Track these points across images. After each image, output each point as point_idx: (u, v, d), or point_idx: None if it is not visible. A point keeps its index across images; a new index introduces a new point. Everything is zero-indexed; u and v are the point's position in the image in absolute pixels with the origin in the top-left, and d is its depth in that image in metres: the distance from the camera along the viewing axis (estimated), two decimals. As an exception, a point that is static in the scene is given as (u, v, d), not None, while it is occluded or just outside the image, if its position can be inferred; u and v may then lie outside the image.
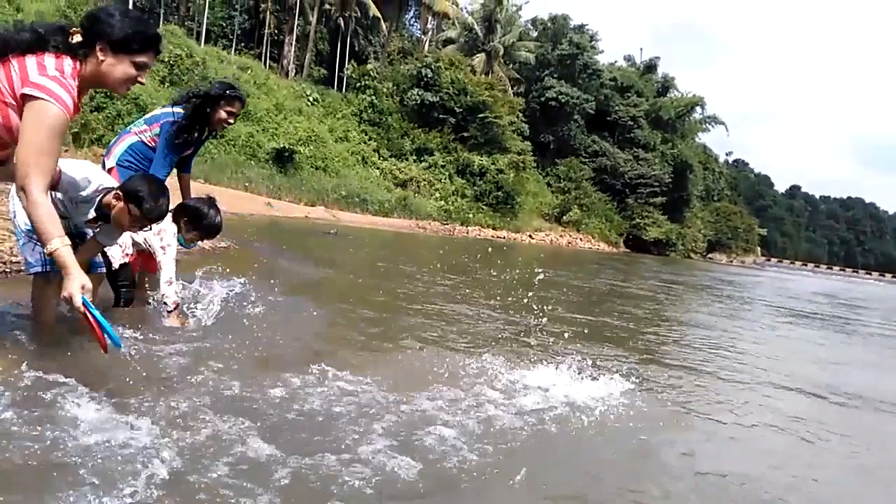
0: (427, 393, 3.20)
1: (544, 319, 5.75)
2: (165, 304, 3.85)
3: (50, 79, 2.42)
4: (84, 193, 3.27)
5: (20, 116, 2.46)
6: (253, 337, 3.80)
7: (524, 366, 4.02)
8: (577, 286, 11.13)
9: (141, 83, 2.72)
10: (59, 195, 3.36)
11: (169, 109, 4.14)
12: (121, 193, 3.16)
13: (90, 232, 3.65)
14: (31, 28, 2.49)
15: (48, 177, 2.50)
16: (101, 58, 2.56)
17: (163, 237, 3.92)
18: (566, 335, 5.42)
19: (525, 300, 6.73)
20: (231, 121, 4.34)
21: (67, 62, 2.50)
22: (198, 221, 3.99)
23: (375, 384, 3.21)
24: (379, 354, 4.13)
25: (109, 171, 4.04)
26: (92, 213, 3.36)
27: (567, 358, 3.98)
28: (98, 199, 3.29)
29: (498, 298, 7.16)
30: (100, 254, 3.64)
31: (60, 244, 2.49)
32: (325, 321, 4.82)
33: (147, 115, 4.23)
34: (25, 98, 2.40)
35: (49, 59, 2.46)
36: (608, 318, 7.14)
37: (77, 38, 2.55)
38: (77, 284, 2.45)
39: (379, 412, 2.83)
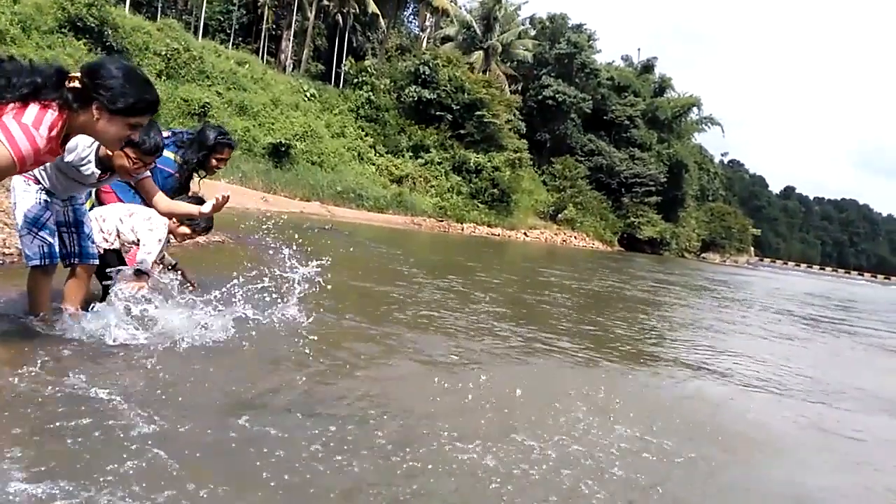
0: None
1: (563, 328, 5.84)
2: (143, 261, 3.93)
3: (19, 125, 2.40)
4: (82, 152, 3.32)
5: None
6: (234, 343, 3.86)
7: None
8: (580, 289, 11.20)
9: (133, 140, 2.77)
10: (58, 165, 3.38)
11: (167, 154, 4.26)
12: None
13: (86, 222, 3.72)
14: (30, 77, 2.44)
15: None
16: (97, 116, 2.54)
17: (153, 225, 4.01)
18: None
19: (538, 310, 6.78)
20: (221, 166, 4.65)
21: (50, 114, 2.47)
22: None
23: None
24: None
25: (105, 192, 4.22)
26: (95, 170, 3.40)
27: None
28: (94, 153, 3.34)
29: (508, 306, 7.24)
30: (95, 244, 3.71)
31: None
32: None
33: None
34: None
35: (32, 109, 2.43)
36: (619, 328, 7.14)
37: (75, 85, 2.51)
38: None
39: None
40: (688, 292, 14.75)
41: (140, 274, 3.95)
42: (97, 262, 3.71)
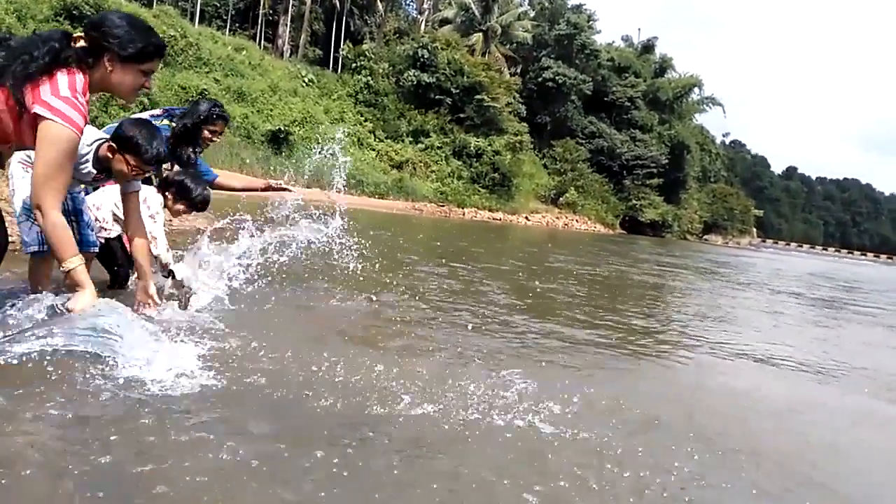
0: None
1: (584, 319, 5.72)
2: (171, 272, 3.93)
3: (61, 99, 2.44)
4: (82, 149, 3.28)
5: (17, 122, 2.51)
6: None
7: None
8: (588, 275, 11.11)
9: (147, 89, 2.78)
10: None
11: (159, 123, 4.20)
12: (114, 144, 3.21)
13: (85, 210, 3.69)
14: (46, 45, 2.46)
15: (62, 195, 2.60)
16: (110, 68, 2.59)
17: (149, 206, 3.96)
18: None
19: (550, 300, 6.63)
20: (215, 139, 4.53)
21: (79, 78, 2.51)
22: (185, 194, 4.06)
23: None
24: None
25: None
26: (92, 169, 3.37)
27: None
28: (93, 152, 3.30)
29: (526, 297, 7.14)
30: (94, 233, 3.68)
31: (77, 262, 2.64)
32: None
33: (144, 115, 4.25)
34: (38, 117, 2.44)
35: (62, 78, 2.46)
36: (638, 317, 7.00)
37: (81, 44, 2.54)
38: (89, 301, 2.63)
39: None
40: (696, 276, 14.65)
41: (173, 276, 3.97)
42: (97, 249, 3.72)
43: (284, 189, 5.20)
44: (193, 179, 4.11)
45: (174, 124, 4.28)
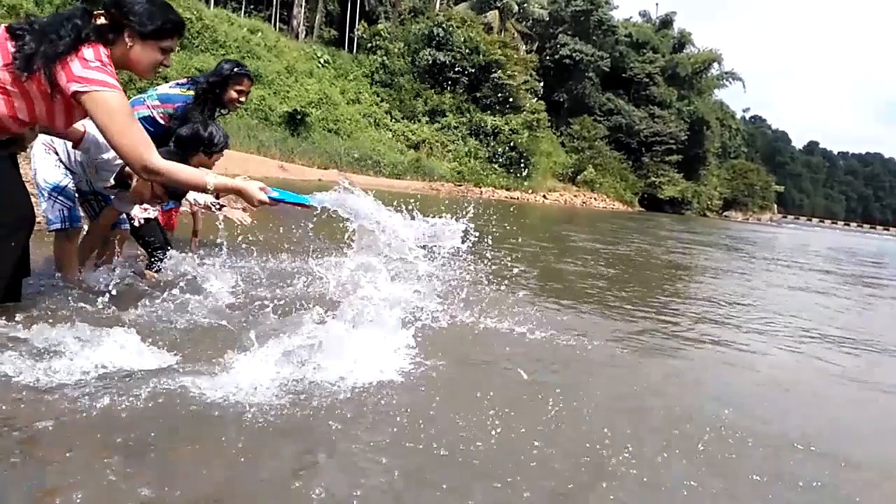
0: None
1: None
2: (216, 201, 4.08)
3: (93, 69, 2.47)
4: (106, 156, 3.30)
5: (40, 102, 2.53)
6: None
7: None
8: (614, 254, 10.94)
9: (166, 66, 2.79)
10: (78, 156, 3.40)
11: (184, 92, 4.14)
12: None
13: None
14: (69, 22, 2.48)
15: (152, 146, 2.58)
16: (130, 44, 2.62)
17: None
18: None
19: (579, 283, 6.47)
20: (242, 99, 4.41)
21: (102, 50, 2.53)
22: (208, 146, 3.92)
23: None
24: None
25: None
26: (111, 181, 3.39)
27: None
28: (121, 166, 3.32)
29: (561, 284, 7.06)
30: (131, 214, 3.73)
31: (213, 178, 2.68)
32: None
33: (161, 91, 4.17)
34: (77, 95, 2.46)
35: (87, 51, 2.48)
36: (693, 301, 6.82)
37: (101, 21, 2.56)
38: (256, 188, 2.75)
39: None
40: (724, 253, 14.40)
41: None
42: (127, 227, 3.84)
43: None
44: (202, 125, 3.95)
45: (197, 90, 4.20)
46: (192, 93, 4.14)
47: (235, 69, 4.31)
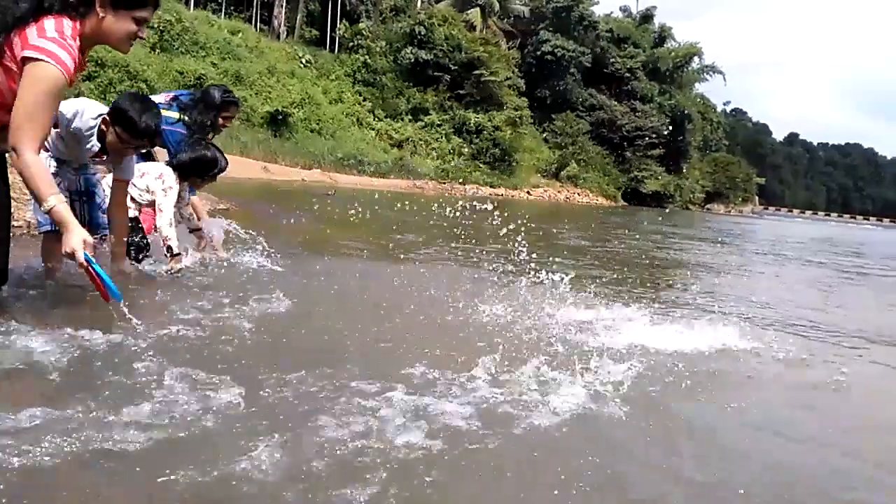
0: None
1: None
2: (170, 246, 3.94)
3: (48, 40, 2.38)
4: (88, 122, 3.31)
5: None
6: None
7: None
8: (607, 253, 10.91)
9: (141, 38, 2.73)
10: (61, 131, 3.38)
11: (170, 113, 4.22)
12: (108, 117, 3.24)
13: (98, 192, 3.72)
14: None
15: (41, 138, 2.48)
16: (102, 15, 2.54)
17: (164, 180, 4.05)
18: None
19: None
20: (228, 124, 4.67)
21: (66, 23, 2.45)
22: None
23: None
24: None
25: None
26: (96, 144, 3.40)
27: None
28: (97, 126, 3.34)
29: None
30: (104, 215, 3.71)
31: (56, 201, 2.50)
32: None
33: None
34: (25, 60, 2.37)
35: (48, 22, 2.41)
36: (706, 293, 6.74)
37: None
38: (78, 239, 2.50)
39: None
40: (712, 246, 14.45)
41: (173, 254, 4.00)
42: (107, 231, 3.75)
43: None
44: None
45: (186, 118, 4.31)
46: (176, 115, 4.24)
47: (225, 97, 4.50)
